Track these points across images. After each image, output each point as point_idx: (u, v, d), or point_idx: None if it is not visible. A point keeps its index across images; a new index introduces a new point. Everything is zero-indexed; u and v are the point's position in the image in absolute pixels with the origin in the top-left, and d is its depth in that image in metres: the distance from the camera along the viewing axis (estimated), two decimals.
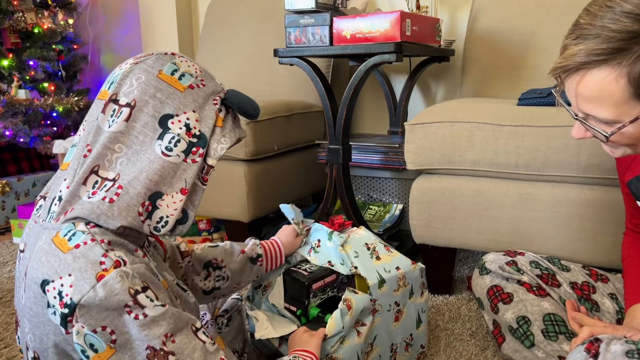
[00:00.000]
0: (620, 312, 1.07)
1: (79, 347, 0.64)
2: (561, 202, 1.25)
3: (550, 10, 1.76)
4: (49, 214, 0.71)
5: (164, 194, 0.70)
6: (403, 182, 1.79)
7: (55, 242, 0.67)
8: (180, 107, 0.71)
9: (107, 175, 0.69)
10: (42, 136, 2.39)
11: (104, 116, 0.71)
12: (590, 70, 0.75)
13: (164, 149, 0.70)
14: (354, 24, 1.45)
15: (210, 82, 0.76)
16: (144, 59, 0.73)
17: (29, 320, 0.68)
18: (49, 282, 0.64)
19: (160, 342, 0.65)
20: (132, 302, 0.64)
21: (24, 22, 2.39)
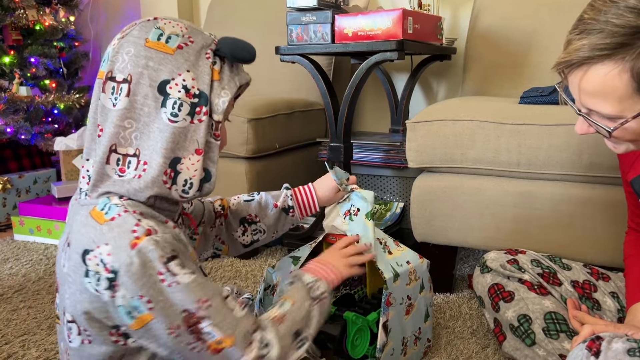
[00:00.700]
0: (621, 311, 1.07)
1: (123, 310, 0.68)
2: (563, 201, 1.25)
3: (552, 8, 1.76)
4: (81, 192, 0.76)
5: (182, 158, 0.73)
6: (404, 180, 1.79)
7: (93, 215, 0.71)
8: (174, 70, 0.72)
9: (126, 151, 0.72)
10: (43, 133, 2.39)
11: (105, 95, 0.73)
12: (594, 65, 0.75)
13: (170, 115, 0.72)
14: (356, 22, 1.45)
15: (198, 37, 0.75)
16: (129, 30, 0.74)
17: (69, 287, 0.72)
18: (89, 251, 0.69)
19: (194, 307, 0.68)
20: (165, 269, 0.67)
21: (26, 19, 2.39)
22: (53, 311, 1.40)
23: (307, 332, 0.80)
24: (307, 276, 0.86)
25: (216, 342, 0.70)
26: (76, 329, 0.74)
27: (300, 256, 1.09)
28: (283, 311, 0.79)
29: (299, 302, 0.81)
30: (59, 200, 2.07)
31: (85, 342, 0.74)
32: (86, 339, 0.74)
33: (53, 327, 1.31)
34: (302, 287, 0.84)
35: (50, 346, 1.22)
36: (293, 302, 0.80)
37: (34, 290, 1.54)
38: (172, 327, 0.68)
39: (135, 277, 0.66)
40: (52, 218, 1.97)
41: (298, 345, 0.79)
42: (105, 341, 0.73)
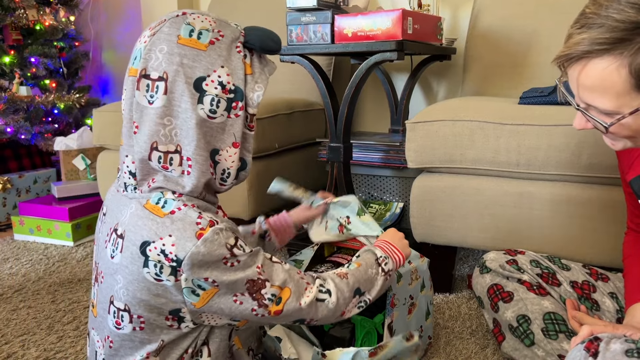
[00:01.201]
0: (620, 311, 1.07)
1: (188, 290, 0.72)
2: (562, 201, 1.25)
3: (552, 8, 1.76)
4: (127, 186, 0.78)
5: (220, 150, 0.76)
6: (404, 180, 1.79)
7: (148, 209, 0.74)
8: (208, 67, 0.73)
9: (167, 148, 0.74)
10: (43, 133, 2.39)
11: (140, 92, 0.73)
12: (593, 59, 0.75)
13: (208, 112, 0.74)
14: (356, 22, 1.45)
15: (227, 30, 0.77)
16: (159, 27, 0.74)
17: (124, 277, 0.74)
18: (150, 243, 0.71)
19: (256, 274, 0.75)
20: (229, 254, 0.72)
21: (26, 19, 2.39)
22: (53, 311, 1.40)
23: (368, 295, 0.86)
24: (379, 251, 0.91)
25: (276, 302, 0.76)
26: (128, 317, 0.76)
27: (303, 259, 1.08)
28: (347, 269, 0.86)
29: (365, 266, 0.87)
30: (59, 200, 2.07)
31: (137, 329, 0.76)
32: (138, 325, 0.76)
33: (53, 327, 1.31)
34: (372, 256, 0.90)
35: (49, 346, 1.22)
36: (359, 264, 0.87)
37: (34, 290, 1.54)
38: (237, 295, 0.74)
39: (201, 264, 0.70)
40: (52, 218, 1.98)
41: (359, 304, 0.85)
42: (159, 327, 0.76)
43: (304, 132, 1.95)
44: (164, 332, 0.77)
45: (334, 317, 0.83)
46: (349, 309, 0.84)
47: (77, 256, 1.83)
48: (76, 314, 1.38)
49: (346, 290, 0.82)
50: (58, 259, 1.80)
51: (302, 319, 0.80)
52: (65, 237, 1.96)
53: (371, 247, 0.93)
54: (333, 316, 0.82)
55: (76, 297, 1.48)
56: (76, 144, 2.17)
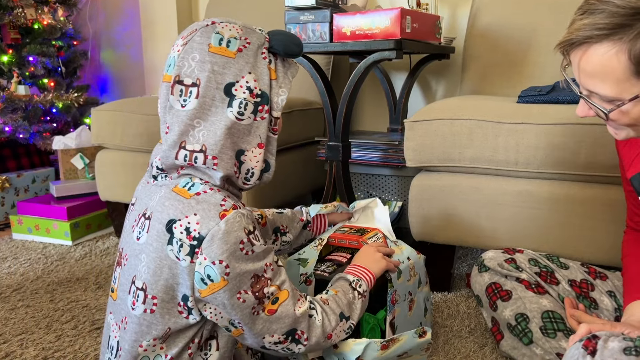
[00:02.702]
0: (618, 310, 1.07)
1: (198, 276, 0.75)
2: (560, 200, 1.25)
3: (551, 7, 1.76)
4: (157, 177, 0.84)
5: (245, 151, 0.81)
6: (402, 179, 1.79)
7: (176, 191, 0.79)
8: (237, 73, 0.79)
9: (193, 147, 0.78)
10: (41, 132, 2.39)
11: (174, 97, 0.79)
12: (593, 45, 0.76)
13: (237, 114, 0.79)
14: (354, 21, 1.45)
15: (253, 36, 0.82)
16: (191, 36, 0.80)
17: (148, 255, 0.78)
18: (176, 221, 0.76)
19: (262, 270, 0.78)
20: (246, 239, 0.76)
21: (24, 18, 2.39)
22: (51, 310, 1.40)
23: (352, 320, 0.89)
24: (350, 276, 0.94)
25: (272, 301, 0.79)
26: (142, 297, 0.78)
27: (308, 258, 1.08)
28: (327, 296, 0.88)
29: (342, 292, 0.89)
30: (57, 199, 2.07)
31: (147, 311, 0.78)
32: (150, 308, 0.78)
33: (51, 326, 1.31)
34: (345, 282, 0.93)
35: (48, 345, 1.22)
36: (336, 291, 0.89)
37: (32, 290, 1.54)
38: (240, 292, 0.76)
39: (220, 243, 0.74)
40: (50, 217, 1.97)
41: (347, 330, 0.88)
42: (170, 312, 0.78)
43: (303, 131, 1.95)
44: (172, 320, 0.79)
45: (323, 339, 0.84)
46: (337, 333, 0.86)
47: (75, 255, 1.83)
48: (74, 313, 1.37)
49: (330, 312, 0.85)
50: (56, 258, 1.80)
51: (294, 329, 0.81)
52: (63, 236, 1.96)
53: (342, 275, 0.95)
54: (322, 336, 0.84)
55: (74, 297, 1.48)
56: (75, 143, 2.17)
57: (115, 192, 1.94)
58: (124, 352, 0.81)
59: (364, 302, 0.92)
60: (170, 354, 0.80)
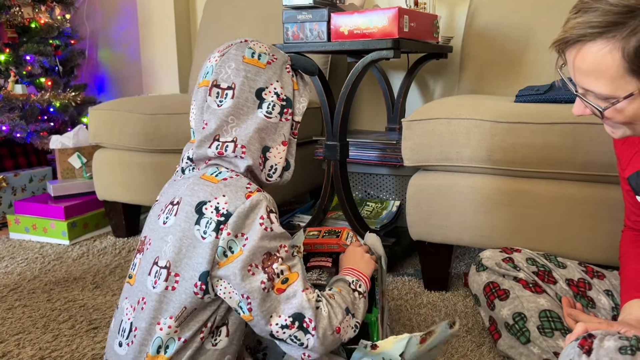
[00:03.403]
0: (615, 309, 1.08)
1: (221, 250, 0.81)
2: (558, 199, 1.25)
3: (549, 6, 1.76)
4: (184, 170, 0.92)
5: (271, 147, 0.91)
6: (400, 178, 1.79)
7: (205, 178, 0.86)
8: (267, 80, 0.91)
9: (225, 139, 0.88)
10: (39, 131, 2.38)
11: (211, 98, 0.90)
12: (587, 43, 0.76)
13: (266, 113, 0.90)
14: (352, 20, 1.45)
15: (278, 54, 0.95)
16: (227, 50, 0.92)
17: (174, 235, 0.84)
18: (206, 202, 0.83)
19: (275, 249, 0.83)
20: (267, 216, 0.83)
21: (21, 17, 2.38)
22: (48, 310, 1.39)
23: (356, 318, 0.90)
24: (348, 277, 0.96)
25: (282, 280, 0.83)
26: (165, 274, 0.84)
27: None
28: (332, 292, 0.90)
29: (345, 291, 0.91)
30: (54, 198, 2.06)
31: (169, 289, 0.83)
32: (172, 285, 0.83)
33: (48, 325, 1.31)
34: (344, 283, 0.94)
35: (45, 345, 1.22)
36: (340, 289, 0.91)
37: (29, 289, 1.53)
38: (252, 265, 0.81)
39: (242, 217, 0.81)
40: (47, 216, 1.97)
41: (353, 327, 0.89)
42: (187, 290, 0.82)
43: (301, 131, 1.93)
44: (188, 300, 0.83)
45: (331, 331, 0.84)
46: (344, 328, 0.86)
47: (72, 255, 1.82)
48: (72, 313, 1.37)
49: (336, 306, 0.86)
50: (54, 258, 1.80)
51: (303, 314, 0.82)
52: (61, 235, 1.95)
53: (340, 276, 0.97)
54: (330, 328, 0.84)
55: (72, 296, 1.48)
56: (72, 143, 2.17)
57: (113, 191, 1.94)
58: (140, 332, 0.84)
59: (365, 302, 0.94)
60: (184, 337, 0.83)
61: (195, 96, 0.93)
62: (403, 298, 1.43)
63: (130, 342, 0.85)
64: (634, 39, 0.72)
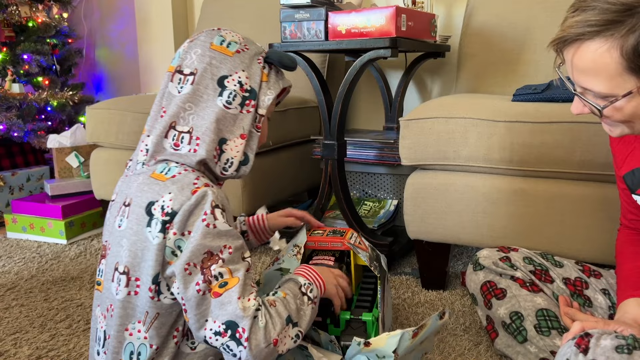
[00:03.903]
0: (612, 308, 1.08)
1: (169, 250, 0.79)
2: (555, 198, 1.25)
3: (546, 6, 1.76)
4: (137, 164, 0.88)
5: (228, 140, 0.87)
6: (398, 177, 1.79)
7: (154, 176, 0.83)
8: (232, 69, 0.87)
9: (182, 128, 0.85)
10: (36, 130, 2.38)
11: (173, 84, 0.87)
12: (585, 42, 0.76)
13: (225, 102, 0.86)
14: (350, 19, 1.45)
15: (252, 45, 0.91)
16: (197, 37, 0.90)
17: (128, 238, 0.82)
18: (154, 202, 0.80)
19: (218, 249, 0.80)
20: (210, 211, 0.79)
21: (18, 16, 2.38)
22: (45, 309, 1.39)
23: (300, 327, 0.85)
24: (302, 279, 0.92)
25: (220, 284, 0.79)
26: (125, 280, 0.82)
27: (289, 268, 1.06)
28: (275, 297, 0.85)
29: (291, 296, 0.87)
30: (52, 197, 2.06)
31: (131, 294, 0.82)
32: (133, 290, 0.82)
33: (45, 325, 1.31)
34: (295, 285, 0.90)
35: (42, 344, 1.21)
36: (285, 294, 0.87)
37: (27, 289, 1.53)
38: (189, 264, 0.78)
39: (187, 214, 0.78)
40: (45, 216, 1.97)
41: (294, 337, 0.84)
42: (145, 295, 0.81)
43: (298, 130, 1.95)
44: (148, 304, 0.81)
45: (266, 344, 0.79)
46: (281, 339, 0.81)
47: (70, 254, 1.82)
48: (69, 312, 1.37)
49: (275, 316, 0.81)
50: (51, 257, 1.79)
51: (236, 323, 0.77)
52: (58, 235, 1.95)
53: (292, 276, 0.93)
54: (265, 340, 0.78)
55: (69, 295, 1.48)
56: (69, 142, 2.16)
57: (110, 190, 1.93)
58: (112, 339, 0.83)
59: (313, 309, 0.89)
60: (155, 344, 0.82)
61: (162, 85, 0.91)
62: (400, 297, 1.43)
63: (106, 351, 0.85)
64: (632, 36, 0.72)
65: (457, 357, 1.14)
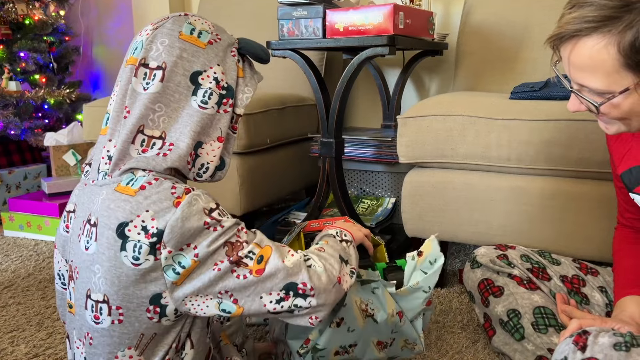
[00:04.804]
0: (609, 305, 1.08)
1: (168, 268, 0.71)
2: (553, 196, 1.25)
3: (544, 4, 1.76)
4: (99, 173, 0.77)
5: (204, 143, 0.78)
6: (396, 175, 1.79)
7: (120, 190, 0.73)
8: (206, 63, 0.78)
9: (152, 133, 0.76)
10: (33, 128, 2.37)
11: (137, 79, 0.76)
12: (582, 38, 0.76)
13: (200, 102, 0.77)
14: (347, 17, 1.44)
15: (224, 35, 0.83)
16: (162, 23, 0.79)
17: (102, 265, 0.73)
18: (127, 223, 0.71)
19: (235, 236, 0.74)
20: (210, 219, 0.72)
21: (15, 13, 2.37)
22: (43, 307, 1.39)
23: (351, 265, 0.85)
24: (331, 230, 0.92)
25: (257, 260, 0.74)
26: (107, 309, 0.74)
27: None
28: (319, 246, 0.85)
29: (332, 242, 0.86)
30: (49, 196, 2.05)
31: (115, 323, 0.75)
32: (117, 319, 0.74)
33: (42, 323, 1.30)
34: (329, 236, 0.89)
35: (39, 342, 1.21)
36: (326, 241, 0.86)
37: (24, 287, 1.53)
38: (217, 263, 0.72)
39: (179, 229, 0.70)
40: (42, 214, 1.96)
41: (350, 273, 0.84)
42: (139, 319, 0.74)
43: (296, 128, 1.95)
44: (144, 327, 0.75)
45: (332, 284, 0.78)
46: (343, 276, 0.81)
47: None
48: None
49: (329, 257, 0.81)
50: (48, 255, 1.79)
51: (294, 282, 0.75)
52: (55, 233, 1.94)
53: (322, 233, 0.94)
54: (330, 282, 0.77)
55: None
56: (66, 140, 2.16)
57: None
58: None
59: (354, 249, 0.89)
60: None
61: (120, 77, 0.79)
62: None
63: None
64: (629, 33, 0.72)
65: (455, 355, 1.14)
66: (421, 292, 0.96)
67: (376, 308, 0.95)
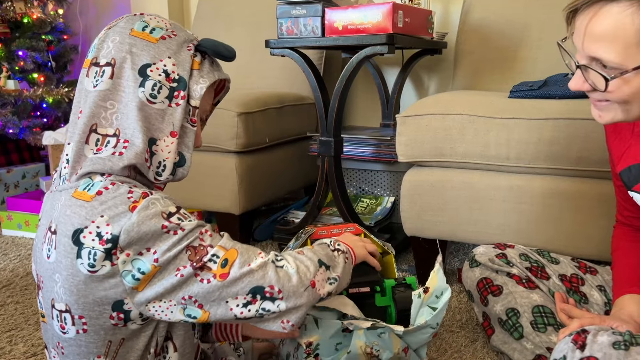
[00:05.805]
0: (608, 304, 1.08)
1: (127, 274, 0.69)
2: (551, 195, 1.25)
3: (543, 3, 1.76)
4: (60, 178, 0.76)
5: (158, 140, 0.75)
6: (395, 174, 1.79)
7: (76, 196, 0.71)
8: (155, 56, 0.75)
9: (106, 131, 0.73)
10: (31, 127, 2.37)
11: (88, 79, 0.75)
12: (608, 3, 0.72)
13: (149, 96, 0.74)
14: (346, 15, 1.44)
15: (181, 33, 0.80)
16: (116, 22, 0.78)
17: (60, 274, 0.71)
18: (82, 229, 0.69)
19: (198, 240, 0.72)
20: (168, 222, 0.70)
21: (13, 12, 2.36)
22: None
23: (334, 272, 0.81)
24: (326, 239, 0.89)
25: (221, 264, 0.72)
26: (70, 319, 0.73)
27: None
28: (301, 249, 0.82)
29: (318, 247, 0.84)
30: None
31: (80, 332, 0.73)
32: (81, 328, 0.73)
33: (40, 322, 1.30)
34: (321, 243, 0.87)
35: (37, 341, 1.21)
36: (312, 247, 0.84)
37: (22, 286, 1.53)
38: (179, 269, 0.70)
39: (135, 234, 0.68)
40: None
41: (329, 280, 0.80)
42: (103, 326, 0.72)
43: (295, 127, 1.94)
44: (109, 333, 0.73)
45: (303, 287, 0.75)
46: (319, 281, 0.77)
47: None
48: None
49: (305, 259, 0.78)
50: None
51: (260, 286, 0.72)
52: None
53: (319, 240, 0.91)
54: (301, 284, 0.74)
55: None
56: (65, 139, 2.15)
57: None
58: None
59: (347, 261, 0.85)
60: None
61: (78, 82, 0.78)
62: None
63: None
64: None
65: (454, 354, 1.14)
66: (429, 329, 0.93)
67: (382, 349, 0.92)
